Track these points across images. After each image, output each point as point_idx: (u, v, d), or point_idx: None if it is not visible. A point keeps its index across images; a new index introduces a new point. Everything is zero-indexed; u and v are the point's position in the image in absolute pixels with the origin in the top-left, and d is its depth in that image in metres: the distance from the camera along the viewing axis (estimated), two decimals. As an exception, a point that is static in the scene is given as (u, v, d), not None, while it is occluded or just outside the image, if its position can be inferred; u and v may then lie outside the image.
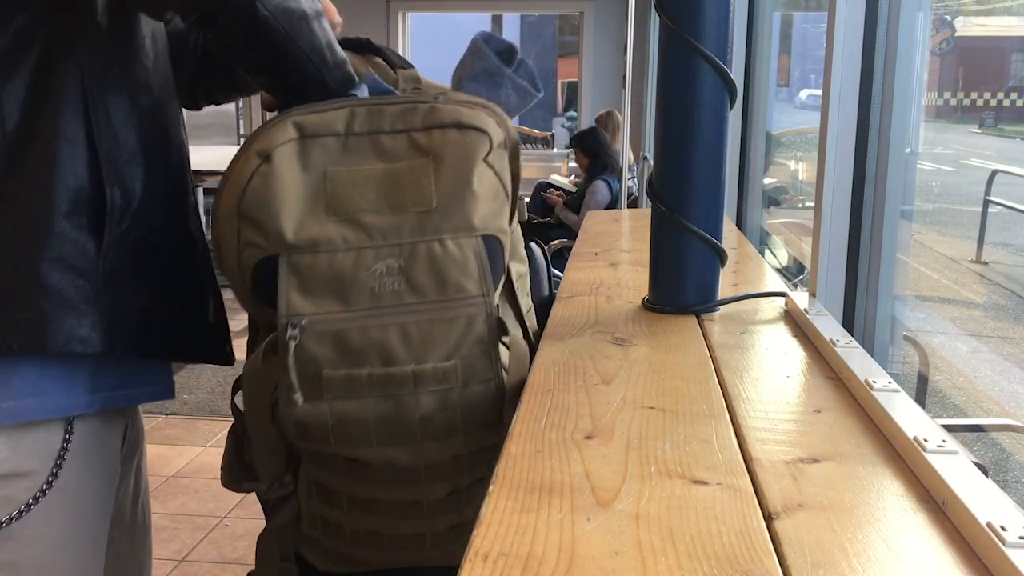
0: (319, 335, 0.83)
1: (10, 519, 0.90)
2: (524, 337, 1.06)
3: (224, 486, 1.06)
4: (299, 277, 0.84)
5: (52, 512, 0.93)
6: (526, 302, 1.05)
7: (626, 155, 4.21)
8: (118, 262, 0.92)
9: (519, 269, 1.04)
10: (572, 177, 6.66)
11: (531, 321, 1.07)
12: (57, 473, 0.92)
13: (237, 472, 1.02)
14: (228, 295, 0.99)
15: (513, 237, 1.03)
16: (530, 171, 7.60)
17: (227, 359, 1.06)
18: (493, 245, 0.88)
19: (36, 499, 0.91)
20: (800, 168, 4.11)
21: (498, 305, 0.94)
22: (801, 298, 1.17)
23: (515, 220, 1.02)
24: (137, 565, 1.16)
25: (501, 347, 0.87)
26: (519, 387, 0.87)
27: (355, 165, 0.87)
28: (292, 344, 0.82)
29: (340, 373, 0.84)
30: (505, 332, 0.87)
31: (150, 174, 0.95)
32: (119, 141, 0.92)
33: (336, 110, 0.88)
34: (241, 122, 6.79)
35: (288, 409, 0.84)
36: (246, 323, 0.98)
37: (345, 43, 1.02)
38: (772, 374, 0.95)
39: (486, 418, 0.87)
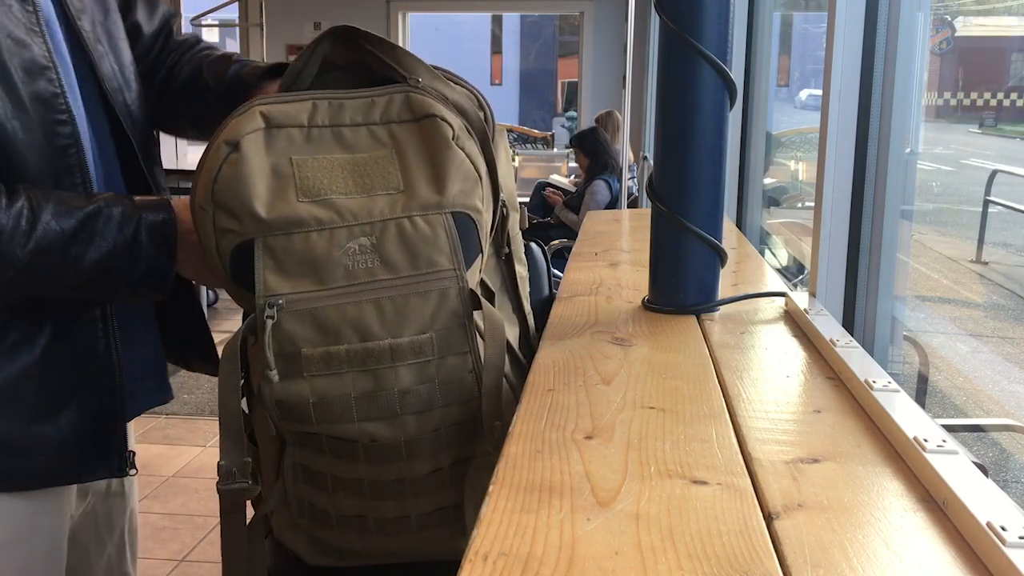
0: (297, 314, 0.85)
1: None
2: (525, 335, 1.06)
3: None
4: (274, 258, 0.86)
5: None
6: (527, 304, 1.06)
7: (626, 155, 4.21)
8: None
9: (520, 271, 1.05)
10: (572, 177, 6.66)
11: (531, 321, 1.08)
12: None
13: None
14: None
15: (515, 239, 1.04)
16: (530, 171, 7.61)
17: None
18: (464, 222, 0.89)
19: None
20: (800, 168, 4.11)
21: (483, 282, 0.96)
22: (801, 298, 1.17)
23: (515, 221, 1.02)
24: (111, 529, 1.19)
25: (477, 320, 0.89)
26: (495, 360, 0.89)
27: (319, 154, 0.90)
28: (270, 323, 0.84)
29: (318, 351, 0.86)
30: (478, 306, 0.89)
31: None
32: None
33: (299, 102, 0.90)
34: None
35: (267, 388, 0.86)
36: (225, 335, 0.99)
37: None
38: (772, 374, 0.95)
39: (463, 391, 0.89)
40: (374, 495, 0.94)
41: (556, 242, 4.76)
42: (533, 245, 1.24)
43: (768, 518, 0.63)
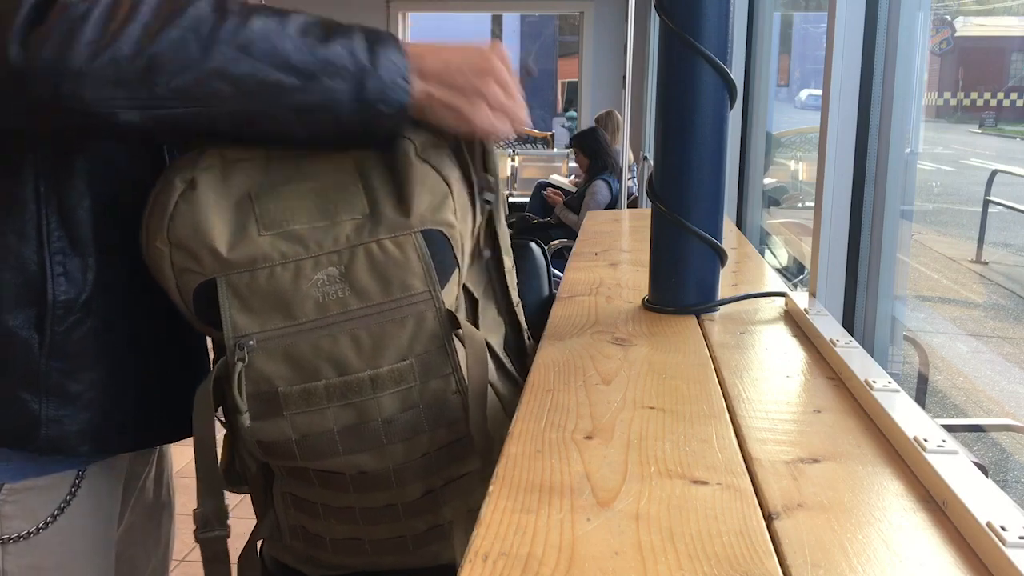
0: (269, 352, 0.82)
1: (37, 530, 0.93)
2: (516, 332, 1.04)
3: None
4: (240, 297, 0.82)
5: (73, 523, 0.96)
6: (515, 297, 1.04)
7: (626, 155, 4.21)
8: (70, 359, 0.89)
9: (507, 264, 1.02)
10: (572, 177, 6.66)
11: (521, 319, 1.06)
12: (75, 492, 0.95)
13: (235, 479, 1.03)
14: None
15: (503, 236, 1.00)
16: (530, 171, 7.60)
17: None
18: (436, 238, 0.85)
19: (60, 510, 0.94)
20: (800, 168, 4.11)
21: (465, 288, 0.92)
22: (801, 298, 1.17)
23: (501, 216, 0.99)
24: (157, 542, 1.18)
25: (457, 341, 0.86)
26: (479, 377, 0.86)
27: (279, 184, 0.86)
28: (240, 366, 0.81)
29: (296, 388, 0.83)
30: (457, 325, 0.86)
31: (103, 259, 0.90)
32: (69, 226, 0.87)
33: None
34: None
35: (244, 430, 0.84)
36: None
37: None
38: (772, 374, 0.95)
39: (449, 412, 0.86)
40: (367, 520, 0.92)
41: (556, 242, 4.75)
42: (533, 245, 1.23)
43: (768, 518, 0.63)
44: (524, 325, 1.06)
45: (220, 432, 1.11)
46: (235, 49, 0.77)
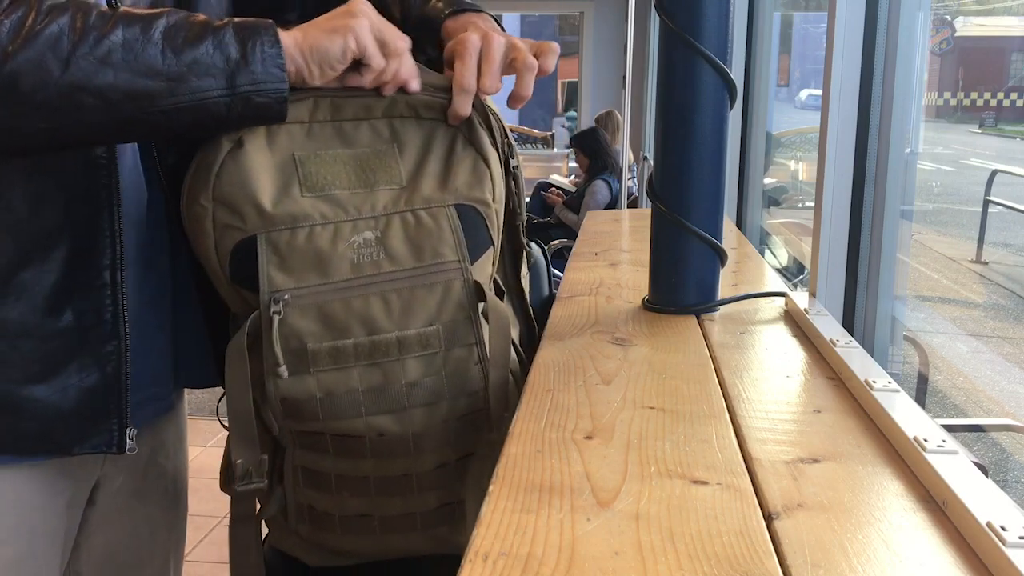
0: (302, 309, 0.85)
1: None
2: (529, 330, 1.07)
3: (223, 490, 1.06)
4: (279, 254, 0.85)
5: None
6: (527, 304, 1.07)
7: (626, 155, 4.21)
8: None
9: (523, 271, 1.06)
10: (572, 177, 6.66)
11: (534, 323, 1.08)
12: None
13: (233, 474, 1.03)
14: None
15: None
16: (530, 171, 7.60)
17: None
18: (469, 214, 0.90)
19: None
20: (800, 168, 4.11)
21: (495, 280, 0.96)
22: (801, 298, 1.17)
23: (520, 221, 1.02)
24: (154, 527, 1.17)
25: (482, 317, 0.89)
26: (501, 351, 0.89)
27: (321, 149, 0.89)
28: (276, 319, 0.84)
29: (325, 345, 0.85)
30: (483, 298, 0.88)
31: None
32: None
33: (300, 101, 0.89)
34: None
35: (274, 385, 0.85)
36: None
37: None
38: (772, 374, 0.95)
39: (470, 383, 0.89)
40: (380, 492, 0.93)
41: (556, 242, 4.76)
42: (533, 245, 1.23)
43: (768, 518, 0.63)
44: (535, 323, 1.08)
45: (221, 432, 1.11)
46: (95, 62, 0.79)
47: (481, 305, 0.88)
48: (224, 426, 1.06)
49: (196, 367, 1.09)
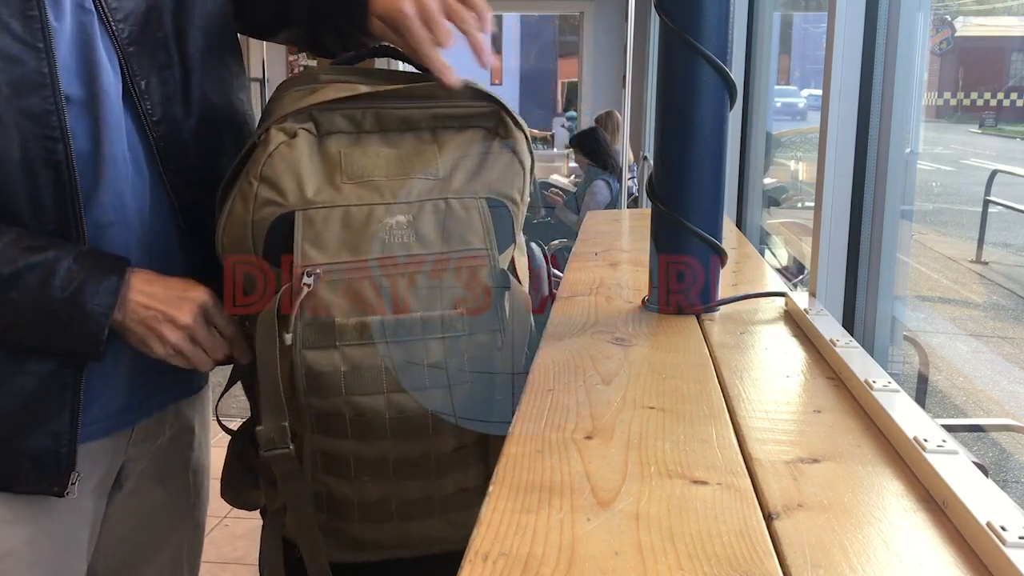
0: (332, 284, 0.89)
1: None
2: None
3: (226, 501, 1.07)
4: (314, 230, 0.89)
5: None
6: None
7: (626, 155, 4.21)
8: None
9: (521, 262, 1.06)
10: (572, 177, 6.66)
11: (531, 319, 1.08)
12: None
13: (238, 485, 1.03)
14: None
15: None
16: (530, 171, 7.60)
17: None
18: (498, 209, 0.95)
19: None
20: (800, 168, 4.11)
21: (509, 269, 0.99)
22: (801, 298, 1.17)
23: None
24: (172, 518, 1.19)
25: (506, 299, 0.93)
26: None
27: (366, 147, 0.95)
28: (305, 291, 0.87)
29: (352, 320, 0.89)
30: (507, 285, 0.92)
31: None
32: None
33: (347, 111, 0.94)
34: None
35: (299, 356, 0.88)
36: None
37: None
38: (772, 374, 0.95)
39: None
40: (399, 475, 0.95)
41: (556, 242, 4.76)
42: (533, 245, 1.24)
43: (768, 518, 0.63)
44: (532, 329, 1.08)
45: (220, 433, 1.11)
46: None
47: (505, 293, 0.92)
48: (224, 427, 1.07)
49: None
